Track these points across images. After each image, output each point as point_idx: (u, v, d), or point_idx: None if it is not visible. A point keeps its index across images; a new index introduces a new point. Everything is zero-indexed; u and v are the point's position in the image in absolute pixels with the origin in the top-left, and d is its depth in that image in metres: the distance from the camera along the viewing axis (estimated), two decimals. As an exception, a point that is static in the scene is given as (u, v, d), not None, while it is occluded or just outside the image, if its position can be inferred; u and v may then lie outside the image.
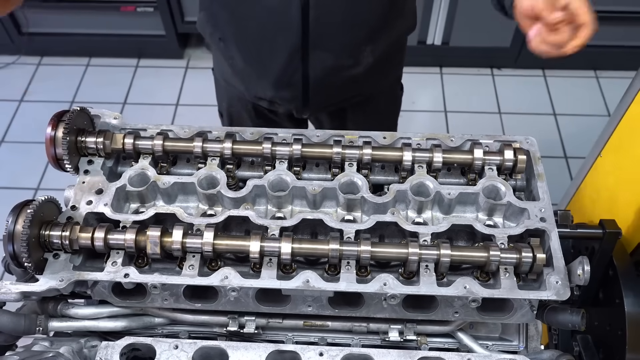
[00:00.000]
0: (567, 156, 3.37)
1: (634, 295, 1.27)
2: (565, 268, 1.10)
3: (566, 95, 3.68)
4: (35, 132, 3.39)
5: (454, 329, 1.22)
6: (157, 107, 3.68)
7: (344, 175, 1.24)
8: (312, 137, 1.31)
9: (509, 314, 1.15)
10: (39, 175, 3.30)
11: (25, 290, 1.10)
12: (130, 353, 1.11)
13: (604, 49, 3.65)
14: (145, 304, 1.18)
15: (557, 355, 1.16)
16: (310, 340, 1.25)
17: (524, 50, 3.67)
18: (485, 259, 1.10)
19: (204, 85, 3.79)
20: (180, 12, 3.65)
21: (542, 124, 3.52)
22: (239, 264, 1.20)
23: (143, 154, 1.28)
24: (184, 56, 3.95)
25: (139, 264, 1.17)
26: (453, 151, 1.27)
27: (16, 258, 1.10)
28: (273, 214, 1.25)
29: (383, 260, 1.16)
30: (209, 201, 1.25)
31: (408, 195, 1.22)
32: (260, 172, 1.30)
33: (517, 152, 1.25)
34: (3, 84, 3.79)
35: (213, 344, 1.08)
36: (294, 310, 1.17)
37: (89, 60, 3.94)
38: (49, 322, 1.19)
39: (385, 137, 1.30)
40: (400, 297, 1.11)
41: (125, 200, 1.26)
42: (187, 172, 1.30)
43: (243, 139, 1.31)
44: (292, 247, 1.11)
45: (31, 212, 1.09)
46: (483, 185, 1.23)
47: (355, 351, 1.07)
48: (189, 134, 1.31)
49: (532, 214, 1.17)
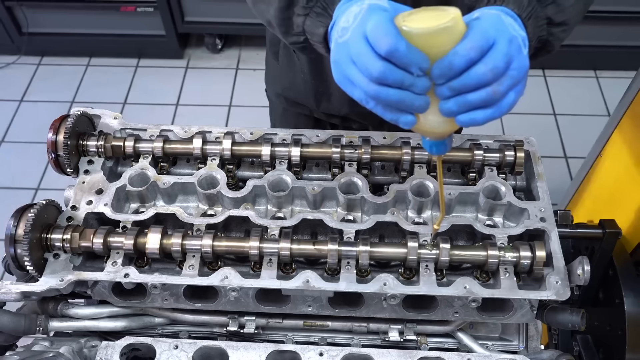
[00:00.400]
0: (567, 156, 3.37)
1: (634, 295, 1.27)
2: (565, 268, 1.10)
3: (566, 95, 3.68)
4: (35, 132, 3.39)
5: (454, 329, 1.22)
6: (157, 107, 3.68)
7: (343, 175, 1.24)
8: (312, 137, 1.31)
9: (509, 314, 1.15)
10: (39, 175, 3.30)
11: (26, 290, 1.10)
12: (130, 353, 1.11)
13: (604, 49, 3.65)
14: (145, 304, 1.18)
15: (557, 355, 1.16)
16: (310, 340, 1.25)
17: (524, 50, 3.67)
18: (485, 258, 1.10)
19: (204, 85, 3.83)
20: (180, 12, 3.65)
21: (542, 124, 3.52)
22: (239, 264, 1.20)
23: (143, 154, 1.29)
24: (184, 56, 3.96)
25: (139, 264, 1.17)
26: (453, 149, 1.27)
27: (17, 261, 1.11)
28: (273, 214, 1.25)
29: (383, 260, 1.16)
30: (209, 201, 1.25)
31: (408, 195, 1.22)
32: (260, 172, 1.30)
33: (516, 149, 1.25)
34: (3, 84, 3.79)
35: (213, 344, 1.08)
36: (294, 310, 1.17)
37: (89, 60, 3.95)
38: (49, 322, 1.19)
39: (385, 137, 1.30)
40: (400, 297, 1.11)
41: (126, 200, 1.26)
42: (187, 172, 1.30)
43: (243, 139, 1.31)
44: (291, 248, 1.11)
45: (32, 217, 1.09)
46: (483, 185, 1.23)
47: (355, 351, 1.07)
48: (189, 134, 1.31)
49: (532, 214, 1.17)
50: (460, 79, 0.83)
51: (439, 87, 0.85)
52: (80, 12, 3.71)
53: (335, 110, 1.61)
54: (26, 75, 3.85)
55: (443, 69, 0.82)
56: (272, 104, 1.86)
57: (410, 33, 0.80)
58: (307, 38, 1.08)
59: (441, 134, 0.94)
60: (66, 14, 3.73)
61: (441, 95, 0.85)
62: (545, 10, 1.01)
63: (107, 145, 1.27)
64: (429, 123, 0.89)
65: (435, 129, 0.91)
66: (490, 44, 0.83)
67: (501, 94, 0.85)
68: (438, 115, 0.88)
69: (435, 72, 0.83)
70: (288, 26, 1.10)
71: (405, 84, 0.82)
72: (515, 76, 0.85)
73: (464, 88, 0.84)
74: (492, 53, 0.83)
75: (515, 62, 0.85)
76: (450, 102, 0.85)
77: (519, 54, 0.86)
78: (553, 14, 1.02)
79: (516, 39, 0.86)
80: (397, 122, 0.88)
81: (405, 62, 0.81)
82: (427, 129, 0.91)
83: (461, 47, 0.81)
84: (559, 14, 1.03)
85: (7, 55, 3.90)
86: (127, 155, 1.29)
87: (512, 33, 0.86)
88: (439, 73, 0.83)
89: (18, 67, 3.89)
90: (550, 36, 1.05)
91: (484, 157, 1.25)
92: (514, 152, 1.25)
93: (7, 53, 3.90)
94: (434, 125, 0.90)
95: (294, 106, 1.70)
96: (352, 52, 0.85)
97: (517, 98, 0.88)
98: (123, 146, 1.28)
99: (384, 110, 0.87)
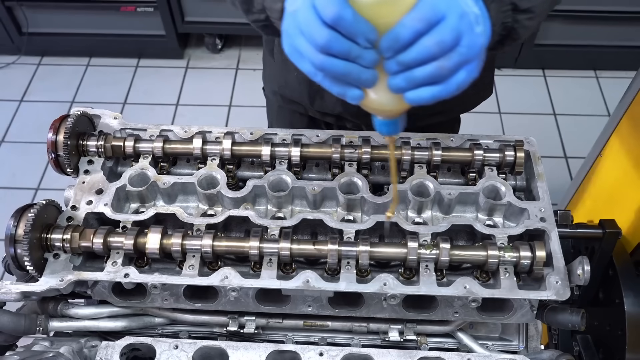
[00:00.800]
0: (567, 156, 3.37)
1: (634, 295, 1.27)
2: (565, 268, 1.10)
3: (566, 95, 3.69)
4: (35, 132, 3.40)
5: (454, 329, 1.22)
6: (157, 107, 3.69)
7: (343, 175, 1.24)
8: (312, 137, 1.31)
9: (509, 314, 1.15)
10: (39, 175, 3.30)
11: (26, 290, 1.10)
12: (130, 353, 1.11)
13: (604, 49, 3.66)
14: (145, 304, 1.18)
15: (557, 355, 1.16)
16: (310, 340, 1.25)
17: (524, 50, 3.68)
18: (485, 258, 1.10)
19: (204, 85, 3.83)
20: (180, 12, 3.65)
21: (542, 124, 3.52)
22: (239, 264, 1.20)
23: (143, 154, 1.29)
24: (184, 56, 3.96)
25: (139, 264, 1.17)
26: (453, 149, 1.27)
27: (17, 261, 1.11)
28: (273, 214, 1.25)
29: (383, 260, 1.16)
30: (209, 201, 1.25)
31: (408, 195, 1.22)
32: (260, 172, 1.30)
33: (516, 149, 1.25)
34: (3, 84, 3.79)
35: (213, 344, 1.08)
36: (294, 310, 1.17)
37: (89, 60, 3.95)
38: (49, 322, 1.19)
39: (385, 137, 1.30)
40: (400, 297, 1.11)
41: (126, 200, 1.26)
42: (187, 172, 1.30)
43: (243, 139, 1.31)
44: (291, 248, 1.11)
45: (32, 217, 1.09)
46: (483, 185, 1.23)
47: (355, 351, 1.07)
48: (189, 134, 1.31)
49: (532, 214, 1.17)
50: (407, 53, 0.82)
51: (387, 61, 0.84)
52: (80, 12, 3.71)
53: (329, 109, 1.60)
54: (26, 75, 3.85)
55: (390, 41, 0.81)
56: (268, 102, 1.86)
57: (358, 3, 0.79)
58: (268, 16, 1.07)
59: (391, 112, 0.92)
60: (66, 14, 3.73)
61: (389, 70, 0.84)
62: None
63: (107, 145, 1.27)
64: (378, 100, 0.88)
65: (384, 106, 0.89)
66: (439, 18, 0.81)
67: (448, 70, 0.83)
68: (388, 92, 0.86)
69: (383, 45, 0.82)
70: (249, 3, 1.09)
71: (352, 55, 0.81)
72: (465, 53, 0.83)
73: (411, 62, 0.82)
74: (439, 26, 0.81)
75: (465, 38, 0.83)
76: (398, 77, 0.84)
77: (471, 31, 0.83)
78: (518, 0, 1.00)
79: (468, 15, 0.83)
80: (345, 96, 0.87)
81: (351, 32, 0.80)
82: (377, 106, 0.90)
83: (408, 19, 0.80)
84: (524, 1, 1.01)
85: (7, 55, 3.90)
86: (127, 155, 1.29)
87: (464, 8, 0.83)
88: (386, 45, 0.82)
89: (18, 67, 3.89)
90: (515, 23, 1.02)
91: (484, 157, 1.25)
92: (514, 152, 1.25)
93: (7, 53, 3.90)
94: (383, 102, 0.88)
95: (290, 104, 1.70)
96: (300, 21, 0.84)
97: (468, 77, 0.86)
98: (123, 146, 1.28)
99: (332, 83, 0.86)
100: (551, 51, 3.69)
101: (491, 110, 3.58)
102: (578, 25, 3.55)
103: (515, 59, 3.73)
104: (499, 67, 3.80)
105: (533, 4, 1.02)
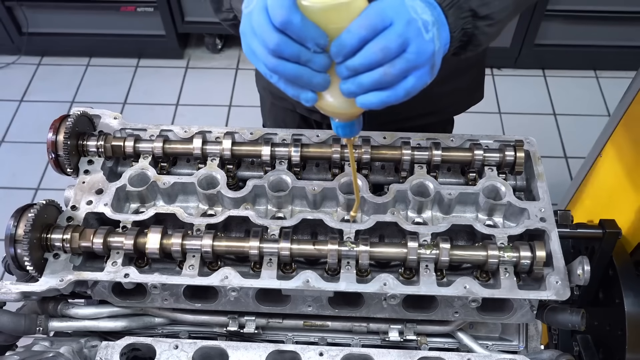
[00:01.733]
0: (567, 156, 3.37)
1: (634, 295, 1.27)
2: (565, 268, 1.10)
3: (566, 95, 3.69)
4: (35, 132, 3.40)
5: (454, 329, 1.22)
6: (157, 107, 3.69)
7: (344, 175, 1.24)
8: (312, 137, 1.31)
9: (509, 314, 1.15)
10: (39, 175, 3.30)
11: (26, 290, 1.10)
12: (130, 353, 1.11)
13: (604, 49, 3.65)
14: (145, 304, 1.18)
15: (557, 355, 1.16)
16: (310, 340, 1.25)
17: (524, 50, 3.67)
18: (485, 258, 1.10)
19: (204, 85, 3.83)
20: (180, 12, 3.65)
21: (542, 124, 3.52)
22: (239, 264, 1.20)
23: (143, 154, 1.29)
24: (184, 56, 3.96)
25: (139, 263, 1.17)
26: (453, 149, 1.27)
27: (17, 261, 1.11)
28: (273, 214, 1.25)
29: (383, 260, 1.16)
30: (209, 201, 1.25)
31: (408, 195, 1.22)
32: (260, 172, 1.30)
33: (516, 149, 1.25)
34: (3, 84, 3.79)
35: (213, 344, 1.08)
36: (294, 310, 1.17)
37: (89, 60, 3.95)
38: (49, 322, 1.19)
39: (385, 137, 1.30)
40: (400, 297, 1.11)
41: (126, 200, 1.26)
42: (187, 172, 1.30)
43: (243, 139, 1.31)
44: (291, 248, 1.11)
45: (32, 217, 1.09)
46: (483, 185, 1.23)
47: (355, 351, 1.07)
48: (189, 134, 1.31)
49: (532, 214, 1.17)
50: (354, 58, 0.82)
51: (337, 66, 0.84)
52: (80, 12, 3.71)
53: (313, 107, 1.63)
54: (26, 75, 3.85)
55: (337, 46, 0.82)
56: (261, 98, 1.87)
57: (307, 8, 0.80)
58: (236, 15, 1.07)
59: (346, 115, 0.93)
60: (66, 14, 3.73)
61: (340, 75, 0.85)
62: (469, 2, 0.98)
63: (107, 145, 1.27)
64: (332, 103, 0.89)
65: (338, 109, 0.90)
66: (386, 24, 0.82)
67: (393, 75, 0.83)
68: (341, 96, 0.87)
69: (332, 50, 0.83)
70: (219, 2, 1.10)
71: (302, 59, 0.82)
72: (412, 60, 0.83)
73: (358, 68, 0.83)
74: (385, 33, 0.82)
75: (413, 45, 0.83)
76: (349, 82, 0.85)
77: (418, 37, 0.84)
78: (477, 6, 0.99)
79: (415, 21, 0.83)
80: (299, 98, 0.88)
81: (300, 36, 0.81)
82: (331, 109, 0.91)
83: (353, 25, 0.81)
84: (482, 7, 1.00)
85: (7, 55, 3.90)
86: (127, 155, 1.29)
87: (412, 15, 0.83)
88: (334, 51, 0.82)
89: (18, 67, 3.89)
90: (475, 29, 1.02)
91: (484, 157, 1.25)
92: (514, 152, 1.25)
93: (7, 53, 3.90)
94: (337, 105, 0.89)
95: (280, 101, 1.71)
96: (254, 23, 0.85)
97: (417, 84, 0.86)
98: (123, 146, 1.28)
99: (286, 86, 0.87)
100: (551, 51, 3.69)
101: (491, 110, 3.58)
102: (578, 25, 3.55)
103: (515, 59, 3.73)
104: (499, 67, 3.80)
105: (492, 11, 1.02)
